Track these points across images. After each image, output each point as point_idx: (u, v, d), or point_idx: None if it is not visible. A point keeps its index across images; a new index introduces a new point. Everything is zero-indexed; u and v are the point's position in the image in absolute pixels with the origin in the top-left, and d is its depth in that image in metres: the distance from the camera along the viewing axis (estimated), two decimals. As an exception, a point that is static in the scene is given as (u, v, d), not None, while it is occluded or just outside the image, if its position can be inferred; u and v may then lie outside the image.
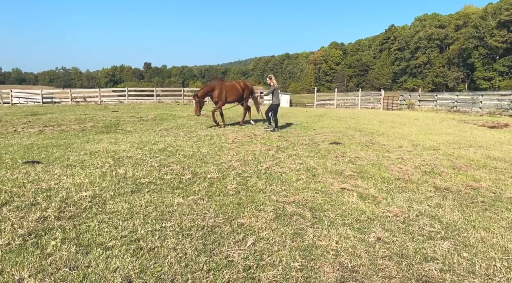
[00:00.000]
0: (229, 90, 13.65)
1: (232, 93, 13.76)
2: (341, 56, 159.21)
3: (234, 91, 13.84)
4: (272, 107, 12.55)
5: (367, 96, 39.39)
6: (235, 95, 13.89)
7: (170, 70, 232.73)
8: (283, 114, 20.27)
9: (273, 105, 12.56)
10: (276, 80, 12.71)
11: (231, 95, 13.76)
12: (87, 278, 3.12)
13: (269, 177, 6.47)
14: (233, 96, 13.84)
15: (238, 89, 14.00)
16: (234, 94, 13.82)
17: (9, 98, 33.49)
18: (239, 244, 3.87)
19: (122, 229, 4.13)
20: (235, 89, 13.92)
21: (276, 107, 12.57)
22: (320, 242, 3.98)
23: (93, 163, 7.06)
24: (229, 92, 13.62)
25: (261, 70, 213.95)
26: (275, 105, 12.54)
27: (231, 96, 13.79)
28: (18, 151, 8.24)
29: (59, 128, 12.82)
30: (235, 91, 13.85)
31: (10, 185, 5.50)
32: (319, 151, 8.91)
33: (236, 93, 13.88)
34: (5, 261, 3.32)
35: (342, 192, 5.73)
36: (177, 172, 6.63)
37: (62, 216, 4.41)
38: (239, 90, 14.00)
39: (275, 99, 12.52)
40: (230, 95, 13.71)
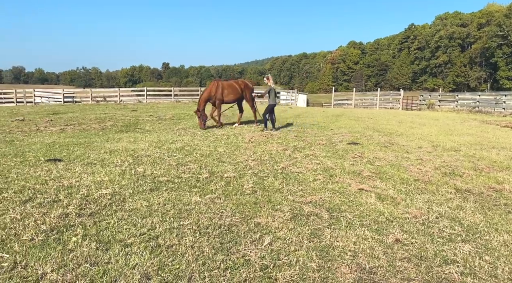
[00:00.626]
0: (226, 89, 13.29)
1: (230, 93, 13.37)
2: (360, 56, 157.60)
3: (232, 90, 13.44)
4: (269, 108, 12.40)
5: (386, 96, 38.88)
6: (234, 94, 13.49)
7: (188, 70, 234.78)
8: (300, 114, 20.20)
9: (270, 105, 12.41)
10: (273, 80, 12.56)
11: (229, 95, 13.38)
12: (107, 274, 3.18)
13: (286, 177, 6.46)
14: (231, 96, 13.46)
15: (237, 88, 13.60)
16: (232, 93, 13.43)
17: (32, 98, 34.38)
18: (255, 243, 3.87)
19: (141, 226, 4.19)
20: (233, 88, 13.52)
21: (272, 108, 12.42)
22: (337, 243, 3.95)
23: (113, 161, 7.18)
24: (226, 91, 13.27)
25: (278, 70, 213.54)
26: (272, 105, 12.38)
27: (229, 96, 13.41)
28: (40, 149, 8.46)
29: (79, 127, 13.10)
30: (233, 91, 13.44)
31: (33, 182, 5.65)
32: (336, 151, 8.84)
33: (234, 93, 13.47)
34: (29, 256, 3.41)
35: (360, 193, 5.67)
36: (194, 171, 6.68)
37: (82, 213, 4.51)
38: (237, 89, 13.59)
39: (270, 99, 12.37)
40: (227, 95, 13.34)
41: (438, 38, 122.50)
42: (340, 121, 16.16)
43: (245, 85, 13.97)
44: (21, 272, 3.15)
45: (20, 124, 13.95)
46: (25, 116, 16.95)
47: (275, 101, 12.57)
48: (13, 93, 35.14)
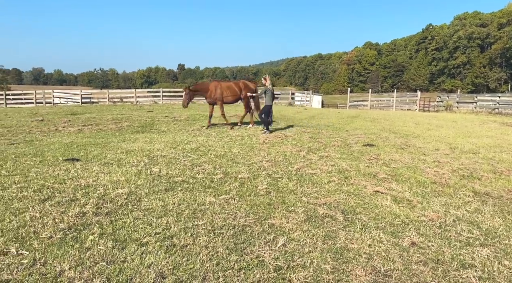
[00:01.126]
0: (225, 91, 13.38)
1: (229, 94, 13.44)
2: (376, 57, 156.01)
3: (231, 91, 13.48)
4: (264, 109, 12.33)
5: (403, 97, 38.36)
6: (233, 96, 13.56)
7: (203, 72, 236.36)
8: (314, 115, 20.11)
9: (266, 106, 12.31)
10: (270, 81, 12.43)
11: (228, 96, 13.48)
12: (123, 272, 3.23)
13: (300, 178, 6.44)
14: (230, 97, 13.51)
15: (235, 89, 13.55)
16: (231, 94, 13.48)
17: (51, 98, 35.12)
18: (269, 244, 3.88)
19: (156, 226, 4.24)
20: (232, 89, 13.55)
21: (269, 109, 12.31)
22: (352, 245, 3.92)
23: (129, 161, 7.28)
24: (225, 92, 13.37)
25: (293, 71, 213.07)
26: (268, 106, 12.29)
27: (228, 97, 13.47)
28: (59, 148, 8.63)
29: (97, 127, 13.31)
30: (231, 92, 13.48)
31: (52, 181, 5.77)
32: (351, 153, 8.77)
33: (233, 94, 13.51)
34: (47, 253, 3.49)
35: (375, 195, 5.62)
36: (209, 171, 6.72)
37: (99, 212, 4.58)
38: (236, 90, 13.57)
39: (267, 100, 12.29)
40: (226, 96, 13.42)
41: (457, 38, 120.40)
42: (356, 123, 16.03)
43: (245, 86, 13.90)
44: (40, 269, 3.22)
45: (40, 124, 14.26)
46: (44, 116, 17.31)
47: (271, 102, 12.49)
48: (33, 94, 35.96)
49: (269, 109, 12.25)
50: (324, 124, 15.05)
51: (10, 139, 10.20)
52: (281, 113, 20.53)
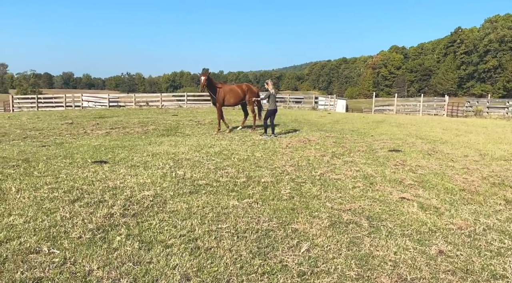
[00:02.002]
0: (227, 94, 13.47)
1: (231, 97, 13.47)
2: (402, 61, 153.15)
3: (233, 94, 13.58)
4: (269, 113, 12.44)
5: (430, 102, 37.48)
6: (235, 98, 13.59)
7: (226, 76, 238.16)
8: (338, 119, 19.92)
9: (269, 111, 12.43)
10: (273, 86, 12.42)
11: (230, 99, 13.49)
12: (149, 273, 3.29)
13: (324, 183, 6.39)
14: (232, 100, 13.57)
15: (238, 92, 13.64)
16: (233, 97, 13.57)
17: (80, 102, 36.22)
18: (293, 249, 3.87)
19: (181, 228, 4.30)
20: (235, 92, 13.65)
21: (273, 113, 12.42)
22: (377, 252, 3.86)
23: (155, 164, 7.42)
24: (227, 95, 13.46)
25: (317, 75, 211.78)
26: (271, 110, 12.39)
27: (230, 100, 13.52)
28: (88, 151, 8.89)
29: (124, 130, 13.63)
30: (234, 95, 13.58)
31: (81, 182, 5.95)
32: (377, 158, 8.63)
33: (235, 97, 13.57)
34: (77, 253, 3.60)
35: (401, 202, 5.51)
36: (232, 175, 6.77)
37: (126, 214, 4.69)
38: (239, 93, 13.68)
39: (271, 104, 12.38)
40: (228, 99, 13.45)
41: (488, 41, 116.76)
42: (381, 128, 15.77)
43: (248, 89, 14.06)
44: (70, 268, 3.32)
45: (69, 127, 14.72)
46: (74, 119, 17.86)
47: (275, 106, 12.59)
48: (63, 98, 37.17)
49: (272, 113, 12.42)
50: (349, 129, 14.89)
51: (41, 142, 10.57)
52: (304, 118, 20.44)
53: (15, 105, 35.07)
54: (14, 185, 5.58)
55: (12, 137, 11.68)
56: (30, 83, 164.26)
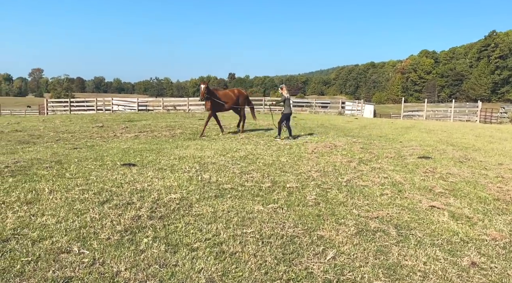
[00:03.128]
0: (221, 98, 13.72)
1: (225, 101, 13.80)
2: (432, 65, 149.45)
3: (227, 99, 13.89)
4: (285, 117, 12.77)
5: (462, 107, 36.34)
6: (228, 103, 13.95)
7: (253, 80, 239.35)
8: (366, 125, 19.60)
9: (285, 114, 12.77)
10: (287, 90, 12.87)
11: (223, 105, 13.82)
12: (175, 276, 3.32)
13: (351, 190, 6.29)
14: (226, 105, 13.93)
15: (232, 97, 14.06)
16: (227, 102, 13.88)
17: (110, 106, 37.24)
18: (318, 257, 3.81)
19: (206, 231, 4.33)
20: (229, 97, 13.99)
21: (288, 116, 12.83)
22: (405, 262, 3.75)
23: (181, 167, 7.52)
24: (222, 100, 13.71)
25: (344, 79, 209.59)
26: (287, 114, 12.78)
27: (223, 106, 13.86)
28: (117, 153, 9.11)
29: (152, 134, 13.90)
30: (227, 99, 13.89)
31: (110, 184, 6.10)
32: (406, 165, 8.43)
33: (229, 102, 13.93)
34: (105, 254, 3.68)
35: (431, 210, 5.35)
36: (257, 180, 6.76)
37: (153, 216, 4.76)
38: (232, 98, 14.05)
39: (286, 108, 12.75)
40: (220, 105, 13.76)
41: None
42: (410, 134, 15.40)
43: (239, 93, 14.60)
44: (99, 269, 3.40)
45: (100, 130, 15.16)
46: (104, 123, 18.38)
47: (291, 110, 13.04)
48: (94, 102, 38.36)
49: (288, 117, 12.81)
50: (376, 135, 14.62)
51: (73, 144, 10.93)
52: (330, 123, 20.24)
53: (49, 109, 36.46)
54: (47, 186, 5.78)
55: (46, 140, 12.13)
56: (63, 87, 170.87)
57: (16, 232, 4.11)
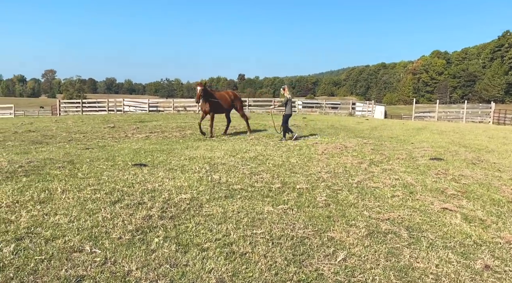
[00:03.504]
0: (220, 100, 13.50)
1: (224, 103, 13.62)
2: (444, 66, 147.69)
3: (224, 100, 13.67)
4: (286, 118, 12.82)
5: (474, 109, 35.86)
6: (225, 105, 13.75)
7: (262, 81, 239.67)
8: (376, 126, 19.46)
9: (286, 115, 12.81)
10: (289, 91, 12.94)
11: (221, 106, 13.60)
12: (185, 276, 3.34)
13: (361, 191, 6.25)
14: (222, 108, 13.71)
15: (227, 98, 13.87)
16: (224, 104, 13.66)
17: (121, 107, 37.58)
18: (329, 258, 3.79)
19: (216, 232, 4.34)
20: (225, 99, 13.75)
21: (288, 118, 12.86)
22: (417, 264, 3.71)
23: (192, 168, 7.55)
24: (221, 101, 13.50)
25: (354, 80, 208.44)
26: (288, 115, 12.86)
27: (221, 107, 13.64)
28: (128, 154, 9.19)
29: (162, 134, 13.99)
30: (225, 101, 13.68)
31: (121, 184, 6.15)
32: (417, 167, 8.34)
33: (226, 104, 13.72)
34: (117, 253, 3.71)
35: (443, 212, 5.28)
36: (267, 181, 6.76)
37: (164, 216, 4.79)
38: (228, 100, 13.85)
39: (288, 109, 12.83)
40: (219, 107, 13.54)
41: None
42: (422, 135, 15.24)
43: (235, 96, 14.41)
44: (110, 268, 3.43)
45: (111, 131, 15.31)
46: (115, 123, 18.55)
47: (291, 111, 13.14)
48: (105, 102, 38.74)
49: (288, 118, 12.88)
50: (387, 136, 14.50)
51: (85, 144, 11.06)
52: (341, 124, 20.14)
53: (62, 109, 36.93)
54: (60, 186, 5.86)
55: (59, 140, 12.29)
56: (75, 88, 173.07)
57: (30, 230, 4.17)
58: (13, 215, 4.59)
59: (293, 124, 18.39)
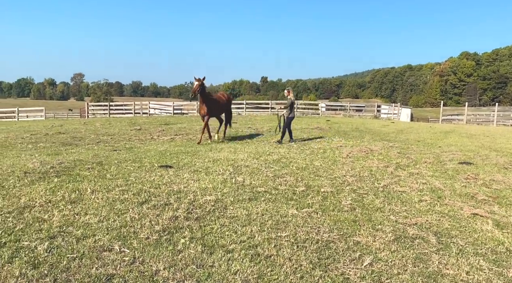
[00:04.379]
0: (219, 102, 12.77)
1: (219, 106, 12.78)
2: (474, 67, 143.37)
3: (221, 103, 12.89)
4: (289, 120, 12.69)
5: (506, 111, 34.60)
6: (223, 107, 13.05)
7: (285, 84, 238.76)
8: (403, 129, 19.08)
9: (290, 118, 12.68)
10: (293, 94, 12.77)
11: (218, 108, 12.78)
12: (211, 277, 3.38)
13: (388, 196, 6.15)
14: (219, 110, 12.97)
15: (224, 101, 13.11)
16: (221, 106, 12.93)
17: (147, 109, 38.33)
18: (355, 263, 3.75)
19: (241, 234, 4.37)
20: (222, 101, 12.96)
21: (291, 120, 12.77)
22: (447, 271, 3.62)
23: (216, 170, 7.62)
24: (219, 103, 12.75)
25: (379, 82, 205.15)
26: (292, 118, 12.73)
27: (218, 109, 12.87)
28: (154, 155, 9.36)
29: (187, 137, 14.19)
30: (221, 103, 12.89)
31: (148, 185, 6.28)
32: (445, 171, 8.13)
33: (223, 106, 12.99)
34: (145, 253, 3.80)
35: (473, 218, 5.13)
36: (290, 183, 6.74)
37: (190, 217, 4.86)
38: (225, 102, 13.12)
39: (292, 112, 12.70)
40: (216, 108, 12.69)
41: None
42: (450, 139, 14.84)
43: (228, 98, 13.70)
44: (139, 267, 3.51)
45: (138, 133, 15.64)
46: (142, 126, 18.93)
47: (294, 114, 13.02)
48: (132, 105, 39.60)
49: (291, 121, 12.82)
50: (414, 139, 14.20)
51: (113, 146, 11.34)
52: (365, 127, 19.85)
53: (90, 112, 37.99)
54: (89, 186, 6.03)
55: (87, 142, 12.67)
56: (103, 91, 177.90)
57: (62, 229, 4.32)
58: (46, 214, 4.76)
59: (316, 127, 18.28)
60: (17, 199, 5.33)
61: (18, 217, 4.64)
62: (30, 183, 6.18)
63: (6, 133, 16.16)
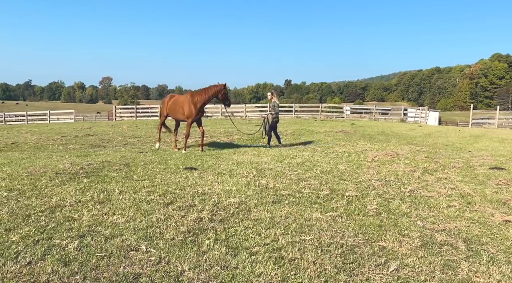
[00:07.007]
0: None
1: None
2: (506, 70, 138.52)
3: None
4: (274, 124, 12.70)
5: (539, 114, 33.23)
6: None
7: (309, 87, 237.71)
8: (430, 133, 18.64)
9: (274, 122, 12.70)
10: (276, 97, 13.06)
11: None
12: (235, 278, 3.40)
13: (414, 201, 6.02)
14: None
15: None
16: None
17: (172, 112, 38.95)
18: (380, 268, 3.69)
19: (264, 236, 4.38)
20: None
21: (276, 124, 12.78)
22: (477, 279, 3.51)
23: (239, 172, 7.66)
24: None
25: (406, 85, 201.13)
26: (276, 121, 12.81)
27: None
28: (179, 158, 9.51)
29: (211, 139, 14.35)
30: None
31: (174, 187, 6.38)
32: (475, 176, 7.88)
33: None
34: (170, 253, 3.86)
35: (505, 225, 4.96)
36: (314, 187, 6.70)
37: (214, 219, 4.91)
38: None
39: (276, 115, 12.72)
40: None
41: None
42: (480, 143, 14.38)
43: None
44: (164, 267, 3.58)
45: (163, 135, 15.90)
46: (167, 128, 19.24)
47: (278, 117, 13.14)
48: (157, 108, 40.33)
49: (276, 124, 12.92)
50: (442, 144, 13.84)
51: (139, 148, 11.60)
52: (391, 130, 19.50)
53: (117, 115, 38.98)
54: (117, 187, 6.19)
55: (115, 144, 13.00)
56: (130, 94, 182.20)
57: (91, 229, 4.45)
58: (76, 214, 4.91)
59: (341, 130, 18.11)
60: (49, 198, 5.52)
61: (50, 216, 4.81)
62: (61, 183, 6.40)
63: (39, 135, 16.80)
